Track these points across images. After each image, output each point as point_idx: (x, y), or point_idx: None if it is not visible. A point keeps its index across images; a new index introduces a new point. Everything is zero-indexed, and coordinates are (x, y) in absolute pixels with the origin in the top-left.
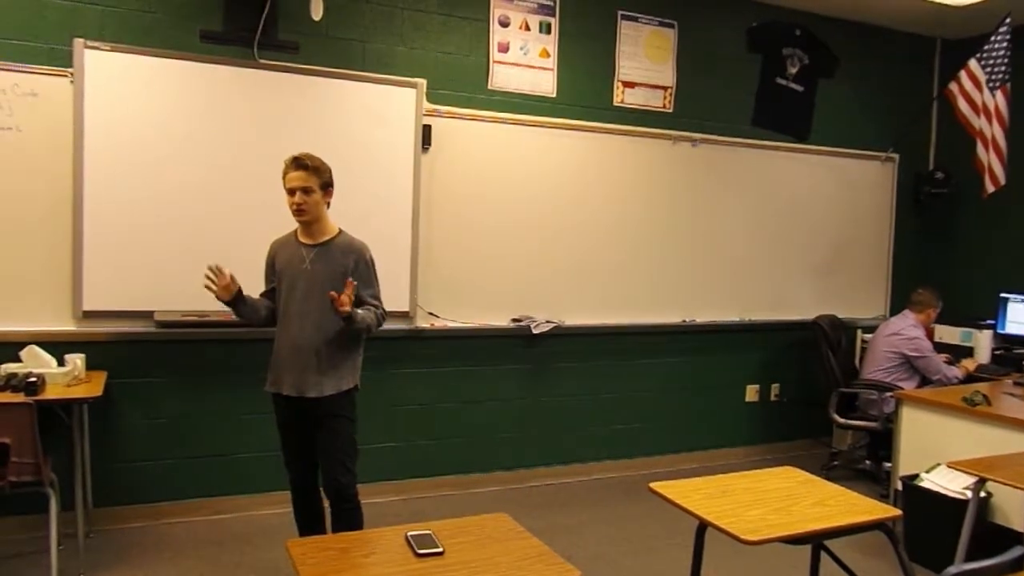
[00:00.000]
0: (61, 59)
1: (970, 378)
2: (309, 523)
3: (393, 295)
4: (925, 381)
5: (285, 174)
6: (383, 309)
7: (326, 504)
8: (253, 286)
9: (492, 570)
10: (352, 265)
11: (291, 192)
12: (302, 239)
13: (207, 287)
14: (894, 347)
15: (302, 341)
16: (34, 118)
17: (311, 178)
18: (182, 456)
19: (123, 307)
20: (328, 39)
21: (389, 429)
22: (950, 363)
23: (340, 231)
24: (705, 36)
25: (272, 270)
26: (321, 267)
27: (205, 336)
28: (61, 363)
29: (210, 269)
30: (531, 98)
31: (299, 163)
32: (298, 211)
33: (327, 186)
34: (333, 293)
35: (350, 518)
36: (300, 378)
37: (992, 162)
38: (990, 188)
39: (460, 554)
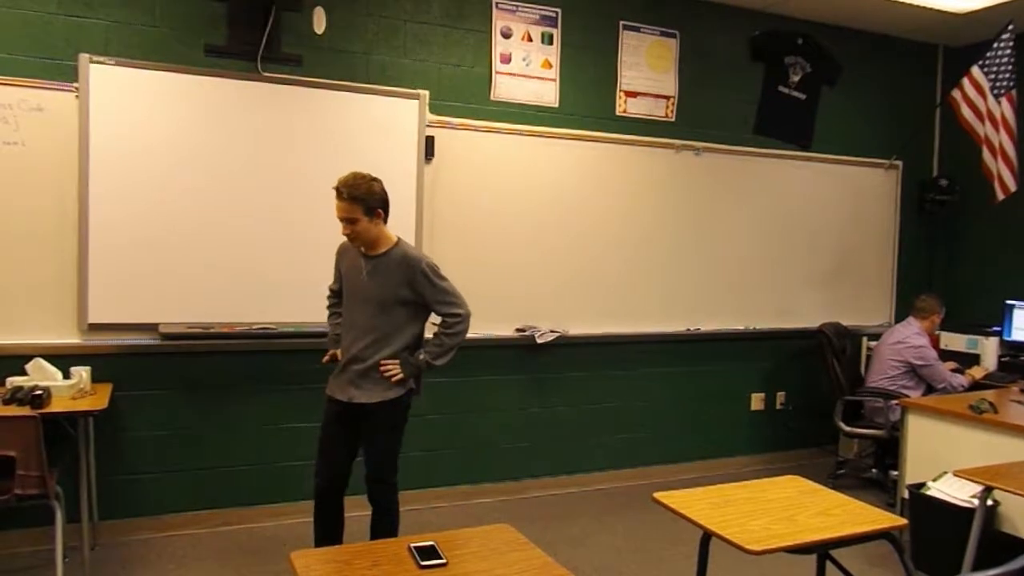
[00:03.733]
0: (66, 74)
1: (976, 385)
2: (327, 531)
3: None
4: (931, 389)
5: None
6: (457, 309)
7: (345, 515)
8: (251, 291)
9: None
10: (410, 280)
11: (340, 220)
12: (362, 248)
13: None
14: (899, 355)
15: (356, 350)
16: (40, 133)
17: (353, 208)
18: (187, 468)
19: (128, 319)
20: (331, 52)
21: None
22: (957, 371)
23: (398, 241)
24: (707, 45)
25: (339, 271)
26: (376, 279)
27: (210, 348)
28: (67, 376)
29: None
30: (534, 109)
31: (339, 193)
32: (350, 238)
33: (373, 210)
34: (383, 369)
35: (386, 524)
36: (351, 384)
37: (1001, 169)
38: (1000, 195)
39: (463, 565)
